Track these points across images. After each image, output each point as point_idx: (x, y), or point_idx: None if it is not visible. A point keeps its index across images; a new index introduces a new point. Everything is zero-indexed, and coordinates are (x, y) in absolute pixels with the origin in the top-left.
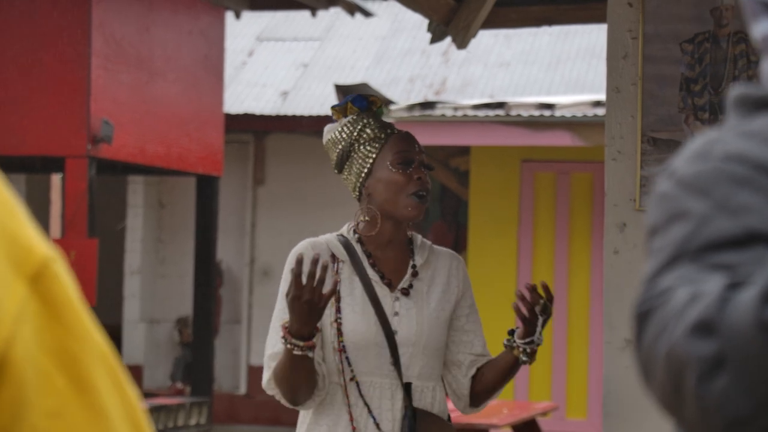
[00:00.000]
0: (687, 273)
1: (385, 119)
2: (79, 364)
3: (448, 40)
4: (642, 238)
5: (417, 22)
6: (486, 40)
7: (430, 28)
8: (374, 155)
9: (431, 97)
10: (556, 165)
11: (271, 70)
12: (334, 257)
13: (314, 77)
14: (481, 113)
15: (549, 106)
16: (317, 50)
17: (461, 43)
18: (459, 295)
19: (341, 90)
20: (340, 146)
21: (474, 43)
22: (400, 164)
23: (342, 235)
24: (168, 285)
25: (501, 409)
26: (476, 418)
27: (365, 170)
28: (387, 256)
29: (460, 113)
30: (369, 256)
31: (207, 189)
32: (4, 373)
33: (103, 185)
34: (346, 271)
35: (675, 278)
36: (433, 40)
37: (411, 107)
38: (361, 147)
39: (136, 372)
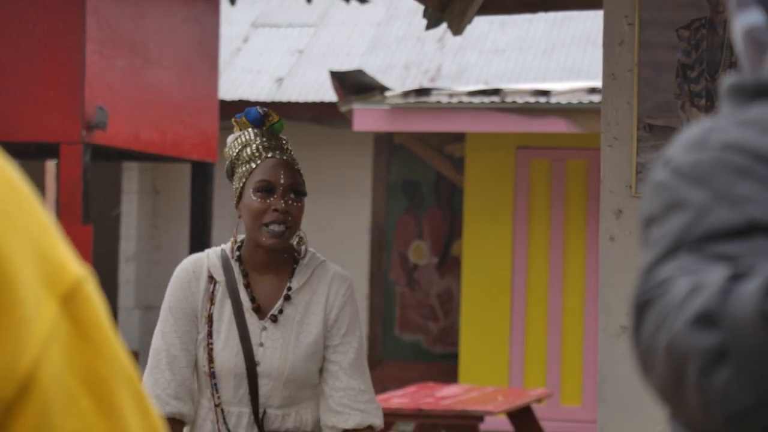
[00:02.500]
0: (686, 263)
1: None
2: (105, 386)
3: (444, 26)
4: (638, 225)
5: (412, 9)
6: (481, 26)
7: (425, 15)
8: (245, 178)
9: (426, 84)
10: (552, 152)
11: (265, 56)
12: (211, 277)
13: (309, 64)
14: (476, 100)
15: (544, 93)
16: (312, 36)
17: (457, 29)
18: (332, 321)
19: (336, 76)
20: (227, 161)
21: (469, 29)
22: (260, 192)
23: (225, 251)
24: (163, 271)
25: (496, 396)
26: (471, 405)
27: (237, 191)
28: (263, 279)
29: (455, 100)
30: (245, 276)
31: (202, 175)
32: (30, 392)
33: (97, 172)
34: (221, 292)
35: (674, 269)
36: (429, 27)
37: (406, 94)
38: (239, 167)
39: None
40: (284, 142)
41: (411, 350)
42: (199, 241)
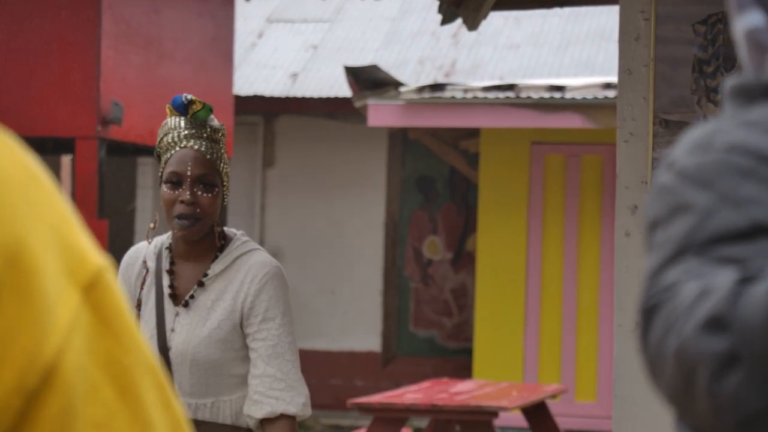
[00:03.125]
0: (693, 267)
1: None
2: (127, 375)
3: (458, 21)
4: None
5: (427, 4)
6: (496, 21)
7: (440, 10)
8: (162, 167)
9: (441, 79)
10: (566, 147)
11: (280, 51)
12: (144, 263)
13: (324, 59)
14: (491, 95)
15: (559, 88)
16: (327, 32)
17: (472, 24)
18: (248, 309)
19: (351, 72)
20: (155, 150)
21: (484, 24)
22: (169, 183)
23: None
24: None
25: (510, 391)
26: (485, 400)
27: (159, 179)
28: (187, 266)
29: (470, 95)
30: (171, 263)
31: None
32: (53, 382)
33: (112, 167)
34: (149, 280)
35: (680, 272)
36: (444, 22)
37: (421, 89)
38: (162, 155)
39: None
40: (209, 130)
41: (425, 346)
42: None
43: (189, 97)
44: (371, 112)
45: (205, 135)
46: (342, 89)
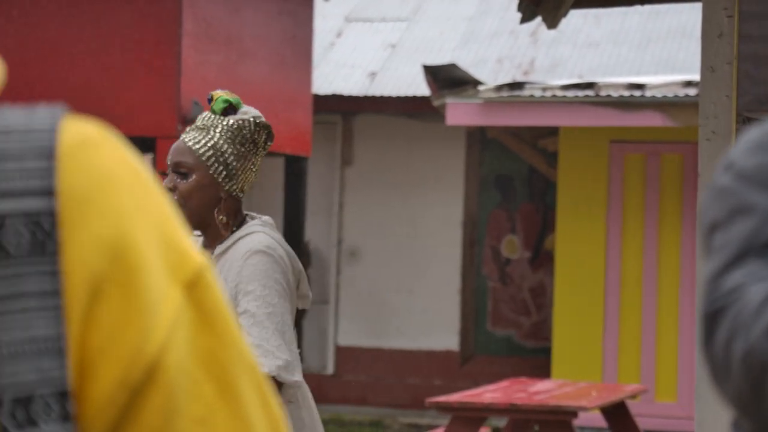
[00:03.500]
0: (756, 270)
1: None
2: (227, 373)
3: (537, 20)
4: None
5: (505, 3)
6: (575, 20)
7: (519, 8)
8: None
9: (519, 78)
10: (646, 146)
11: (359, 50)
12: None
13: (402, 58)
14: (570, 94)
15: (639, 87)
16: (405, 31)
17: (551, 23)
18: (233, 292)
19: (429, 71)
20: None
21: (563, 22)
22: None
23: None
24: None
25: (590, 391)
26: (565, 400)
27: None
28: (205, 253)
29: (548, 94)
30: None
31: (295, 169)
32: (157, 377)
33: None
34: None
35: (744, 275)
36: (523, 20)
37: (499, 88)
38: None
39: None
40: (207, 119)
41: (503, 345)
42: (293, 234)
43: (212, 93)
44: (449, 111)
45: (199, 124)
46: (420, 88)
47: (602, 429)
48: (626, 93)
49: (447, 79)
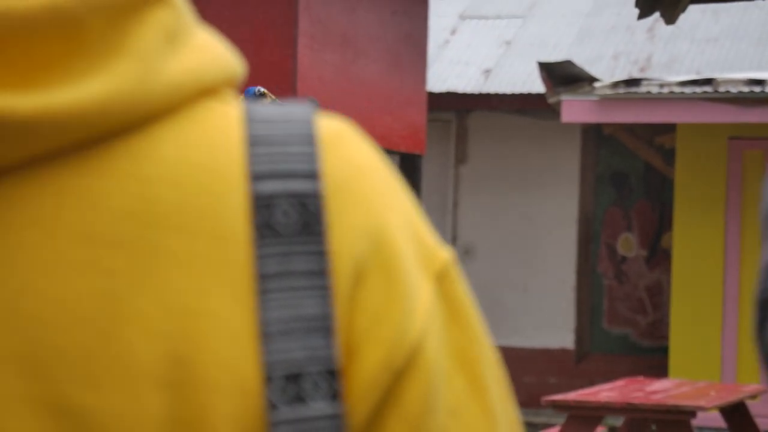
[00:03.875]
0: None
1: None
2: (475, 368)
3: (655, 15)
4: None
5: None
6: (693, 15)
7: (637, 4)
8: None
9: (636, 74)
10: (765, 142)
11: (473, 48)
12: None
13: (517, 55)
14: (687, 90)
15: (759, 82)
16: (520, 27)
17: (670, 18)
18: None
19: (545, 67)
20: None
21: (681, 18)
22: None
23: None
24: None
25: (708, 391)
26: (683, 399)
27: None
28: None
29: (665, 90)
30: None
31: (410, 167)
32: (418, 363)
33: None
34: None
35: None
36: (641, 16)
37: (615, 84)
38: None
39: None
40: None
41: (619, 343)
42: None
43: (255, 89)
44: (565, 108)
45: None
46: (535, 85)
47: (721, 429)
48: (745, 89)
49: (562, 75)
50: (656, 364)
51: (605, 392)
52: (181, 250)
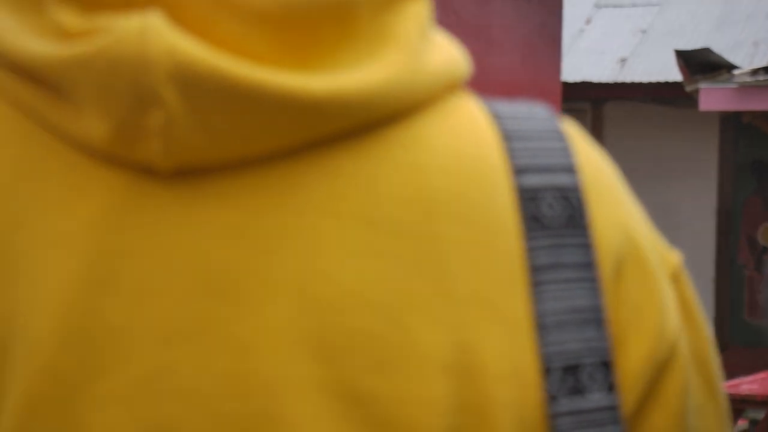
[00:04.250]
0: None
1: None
2: (708, 368)
3: None
4: None
5: None
6: None
7: None
8: None
9: None
10: None
11: (609, 37)
12: None
13: (653, 43)
14: None
15: None
16: (656, 15)
17: None
18: None
19: (682, 55)
20: None
21: None
22: None
23: None
24: None
25: None
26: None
27: None
28: None
29: None
30: None
31: None
32: (675, 358)
33: None
34: None
35: None
36: None
37: (755, 72)
38: None
39: None
40: None
41: (760, 335)
42: None
43: None
44: (703, 97)
45: None
46: (672, 74)
47: None
48: None
49: (700, 63)
50: None
51: (746, 385)
52: (460, 239)
